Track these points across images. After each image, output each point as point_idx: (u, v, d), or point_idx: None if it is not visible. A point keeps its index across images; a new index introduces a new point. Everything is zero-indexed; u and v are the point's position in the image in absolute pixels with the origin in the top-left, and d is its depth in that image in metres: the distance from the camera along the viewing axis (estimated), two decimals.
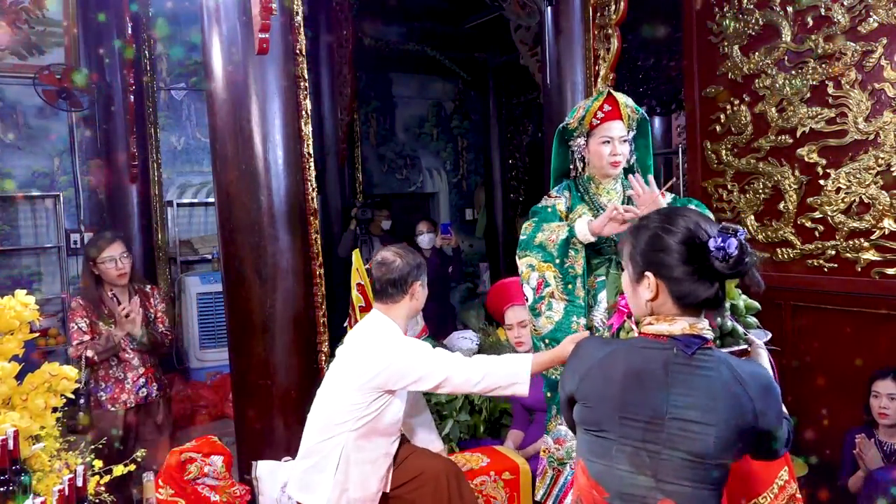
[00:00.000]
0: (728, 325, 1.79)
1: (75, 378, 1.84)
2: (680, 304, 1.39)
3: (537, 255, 2.27)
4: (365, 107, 7.38)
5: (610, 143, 2.30)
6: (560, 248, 2.21)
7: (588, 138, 2.35)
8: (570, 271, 2.22)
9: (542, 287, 2.26)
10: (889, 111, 2.91)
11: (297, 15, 2.97)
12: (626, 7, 3.58)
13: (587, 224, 2.16)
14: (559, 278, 2.23)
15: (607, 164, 2.31)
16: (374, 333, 2.27)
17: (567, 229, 2.20)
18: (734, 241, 1.32)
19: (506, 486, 2.55)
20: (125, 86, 5.12)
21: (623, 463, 1.39)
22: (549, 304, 2.24)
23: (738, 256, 1.31)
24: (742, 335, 1.78)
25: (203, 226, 6.39)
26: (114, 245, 3.08)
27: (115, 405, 3.07)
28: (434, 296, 5.03)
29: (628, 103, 2.33)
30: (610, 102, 2.30)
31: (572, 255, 2.21)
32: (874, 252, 2.99)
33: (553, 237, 2.23)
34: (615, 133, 2.30)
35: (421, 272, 2.32)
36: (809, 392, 3.23)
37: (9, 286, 5.15)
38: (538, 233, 2.28)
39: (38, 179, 5.65)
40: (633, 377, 1.40)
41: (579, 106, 2.40)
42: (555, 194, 2.42)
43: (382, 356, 2.16)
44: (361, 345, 2.27)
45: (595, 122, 2.32)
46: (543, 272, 2.25)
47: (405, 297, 2.29)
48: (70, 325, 3.02)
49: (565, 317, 2.21)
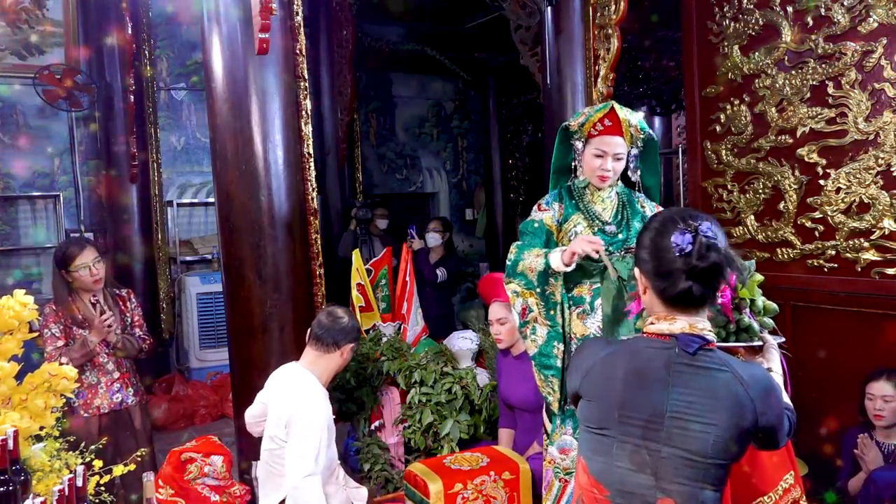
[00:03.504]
0: (745, 321, 1.78)
1: (75, 378, 1.83)
2: (663, 300, 1.41)
3: (520, 282, 2.30)
4: (365, 107, 7.38)
5: (602, 158, 2.28)
6: (539, 277, 2.23)
7: (585, 145, 2.34)
8: (550, 298, 2.26)
9: (527, 312, 2.31)
10: (889, 111, 2.91)
11: (297, 15, 2.98)
12: (626, 7, 3.58)
13: (559, 256, 2.16)
14: (541, 304, 2.27)
15: (595, 176, 2.31)
16: (294, 385, 2.45)
17: (543, 261, 2.21)
18: (689, 236, 1.33)
19: (506, 486, 2.55)
20: (125, 86, 5.13)
21: (623, 461, 1.40)
22: (533, 329, 2.31)
23: (695, 252, 1.32)
24: (757, 332, 1.78)
25: (203, 226, 6.39)
26: (86, 252, 2.95)
27: (88, 411, 2.96)
28: (434, 296, 5.09)
29: (632, 121, 2.29)
30: (612, 117, 2.27)
31: (552, 283, 2.24)
32: (874, 252, 2.99)
33: (532, 266, 2.25)
34: (610, 148, 2.27)
35: (356, 339, 2.56)
36: (809, 392, 3.23)
37: (9, 286, 5.15)
38: (520, 261, 2.30)
39: (38, 179, 5.66)
40: (635, 376, 1.41)
41: (583, 111, 2.38)
42: (545, 206, 2.39)
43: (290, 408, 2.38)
44: (281, 394, 2.46)
45: (594, 133, 2.30)
46: (526, 299, 2.30)
47: (337, 352, 2.49)
48: (44, 331, 2.90)
49: (548, 341, 2.27)
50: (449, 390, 3.24)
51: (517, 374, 2.93)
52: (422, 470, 2.56)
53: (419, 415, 3.20)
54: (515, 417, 3.02)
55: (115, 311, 3.03)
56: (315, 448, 2.32)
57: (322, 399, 2.41)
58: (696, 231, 1.33)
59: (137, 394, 3.14)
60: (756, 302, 1.87)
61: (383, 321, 4.00)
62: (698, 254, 1.32)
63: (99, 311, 2.97)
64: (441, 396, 3.21)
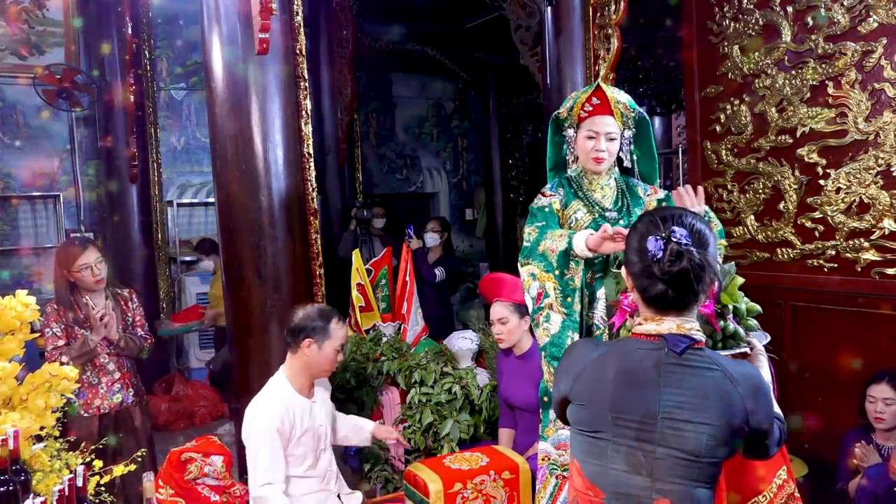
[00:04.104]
0: (730, 328, 1.79)
1: (75, 378, 1.84)
2: (645, 301, 1.43)
3: (540, 263, 2.20)
4: (365, 107, 7.38)
5: (595, 139, 2.25)
6: (560, 259, 2.14)
7: (577, 131, 2.31)
8: (569, 283, 2.15)
9: (542, 298, 2.20)
10: (889, 111, 2.91)
11: (297, 15, 2.98)
12: (626, 7, 3.58)
13: (584, 240, 2.07)
14: (559, 290, 2.16)
15: (590, 159, 2.27)
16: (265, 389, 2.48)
17: (566, 241, 2.12)
18: (661, 242, 1.35)
19: (506, 486, 2.55)
20: (125, 86, 5.12)
21: (619, 463, 1.40)
22: (546, 316, 2.19)
23: (665, 259, 1.35)
24: (743, 338, 1.78)
25: (203, 226, 6.39)
26: (87, 252, 2.95)
27: (88, 411, 2.97)
28: (434, 296, 5.09)
29: (620, 99, 2.26)
30: (599, 96, 2.24)
31: (573, 267, 2.14)
32: (874, 252, 2.99)
33: (554, 246, 2.15)
34: (602, 128, 2.24)
35: (318, 334, 2.41)
36: (809, 392, 3.23)
37: (9, 286, 5.15)
38: (542, 240, 2.21)
39: (38, 179, 5.66)
40: (626, 377, 1.42)
41: (571, 96, 2.36)
42: (549, 192, 2.35)
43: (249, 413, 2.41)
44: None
45: (583, 115, 2.27)
46: (544, 283, 2.19)
47: (298, 350, 2.43)
48: (45, 330, 2.91)
49: (562, 330, 2.16)
50: (449, 390, 3.24)
51: (519, 374, 2.93)
52: (422, 470, 2.56)
53: (419, 415, 3.20)
54: (516, 417, 3.02)
55: (116, 310, 3.04)
56: (264, 457, 2.31)
57: (267, 408, 2.37)
58: (668, 237, 1.35)
59: (138, 394, 3.15)
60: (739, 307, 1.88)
61: (383, 321, 4.00)
62: (668, 260, 1.35)
63: (98, 312, 2.97)
64: (441, 396, 3.21)
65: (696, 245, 1.36)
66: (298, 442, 2.42)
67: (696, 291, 1.39)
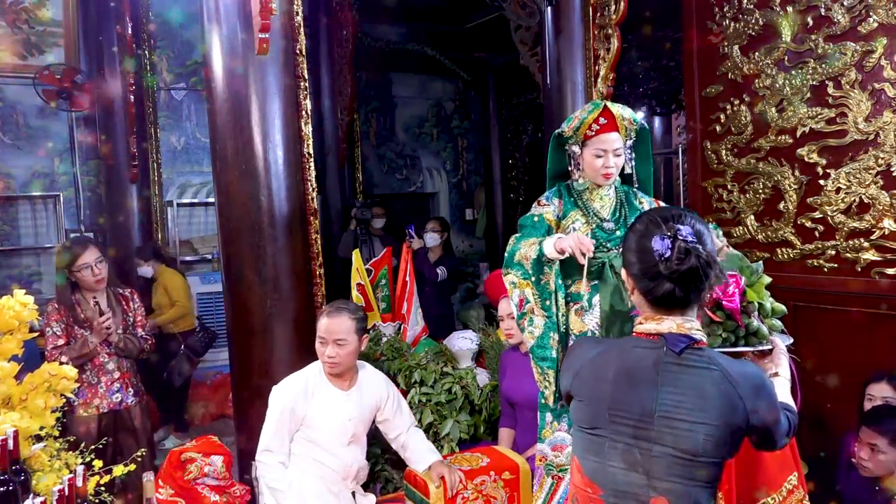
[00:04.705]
0: (754, 325, 1.78)
1: (75, 378, 1.83)
2: (648, 301, 1.43)
3: (517, 272, 2.31)
4: (365, 107, 7.38)
5: (603, 156, 2.30)
6: (534, 266, 2.24)
7: (582, 148, 2.35)
8: (546, 287, 2.25)
9: (524, 304, 2.31)
10: (889, 111, 2.91)
11: (297, 15, 2.97)
12: (625, 7, 3.58)
13: (553, 243, 2.17)
14: (537, 295, 2.27)
15: (599, 175, 2.32)
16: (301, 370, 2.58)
17: (537, 248, 2.21)
18: (668, 241, 1.35)
19: (506, 486, 2.55)
20: (125, 86, 5.12)
21: (616, 460, 1.41)
22: (530, 320, 2.30)
23: (674, 257, 1.34)
24: (766, 336, 1.78)
25: (203, 226, 6.39)
26: (88, 252, 2.97)
27: (88, 410, 2.98)
28: (434, 296, 5.08)
29: (625, 115, 2.32)
30: (606, 115, 2.29)
31: (546, 272, 2.24)
32: (874, 252, 2.99)
33: (528, 254, 2.25)
34: (609, 146, 2.29)
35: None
36: (809, 392, 3.22)
37: (9, 286, 5.15)
38: (517, 251, 2.31)
39: (38, 179, 5.66)
40: (624, 375, 1.42)
41: (574, 116, 2.39)
42: (544, 202, 2.41)
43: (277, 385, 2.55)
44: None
45: (590, 134, 2.31)
46: (523, 289, 2.30)
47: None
48: (45, 329, 2.93)
49: (545, 332, 2.27)
50: (449, 390, 3.24)
51: (522, 371, 2.93)
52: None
53: (419, 415, 3.19)
54: (516, 416, 3.02)
55: (117, 311, 3.04)
56: (269, 427, 2.45)
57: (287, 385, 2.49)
58: (674, 235, 1.35)
59: (137, 394, 3.15)
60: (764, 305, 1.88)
61: (383, 321, 3.99)
62: (677, 258, 1.34)
63: (99, 312, 2.97)
64: (441, 396, 3.20)
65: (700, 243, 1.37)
66: (313, 427, 2.47)
67: (702, 289, 1.39)
